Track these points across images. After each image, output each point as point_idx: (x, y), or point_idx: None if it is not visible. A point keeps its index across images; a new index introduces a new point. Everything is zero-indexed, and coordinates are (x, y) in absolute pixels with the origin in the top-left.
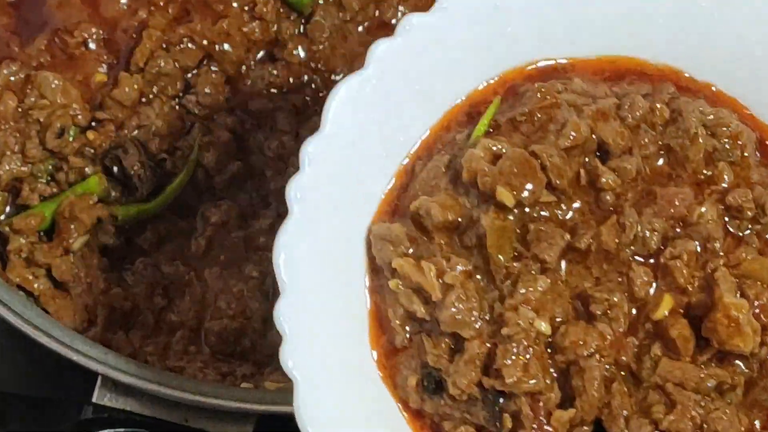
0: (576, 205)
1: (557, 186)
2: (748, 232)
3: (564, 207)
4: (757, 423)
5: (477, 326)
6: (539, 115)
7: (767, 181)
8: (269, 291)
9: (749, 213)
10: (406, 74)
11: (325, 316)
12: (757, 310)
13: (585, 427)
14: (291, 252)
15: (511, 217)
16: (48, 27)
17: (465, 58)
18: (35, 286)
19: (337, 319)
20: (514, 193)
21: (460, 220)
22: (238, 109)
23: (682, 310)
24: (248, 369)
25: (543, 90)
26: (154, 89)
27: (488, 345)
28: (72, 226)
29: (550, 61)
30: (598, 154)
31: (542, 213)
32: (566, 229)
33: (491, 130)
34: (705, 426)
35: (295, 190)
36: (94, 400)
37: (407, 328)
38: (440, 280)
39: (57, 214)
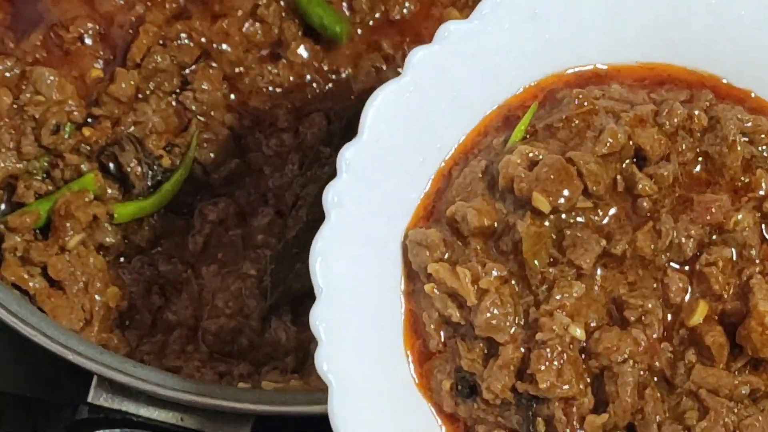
0: (612, 211)
1: (594, 192)
2: None
3: (600, 213)
4: None
5: (512, 331)
6: (577, 122)
7: None
8: (266, 289)
9: None
10: (444, 81)
11: (360, 320)
12: None
13: None
14: (327, 257)
15: (546, 223)
16: (43, 22)
17: (503, 64)
18: (31, 285)
19: (373, 323)
20: (551, 199)
21: (495, 225)
22: (237, 106)
23: (716, 317)
24: (246, 368)
25: (581, 96)
26: (151, 85)
27: (522, 350)
28: (68, 224)
29: (589, 66)
30: (635, 160)
31: (578, 219)
32: (602, 235)
33: (528, 136)
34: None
35: (333, 195)
36: (89, 400)
37: (442, 332)
38: (475, 286)
39: (52, 212)
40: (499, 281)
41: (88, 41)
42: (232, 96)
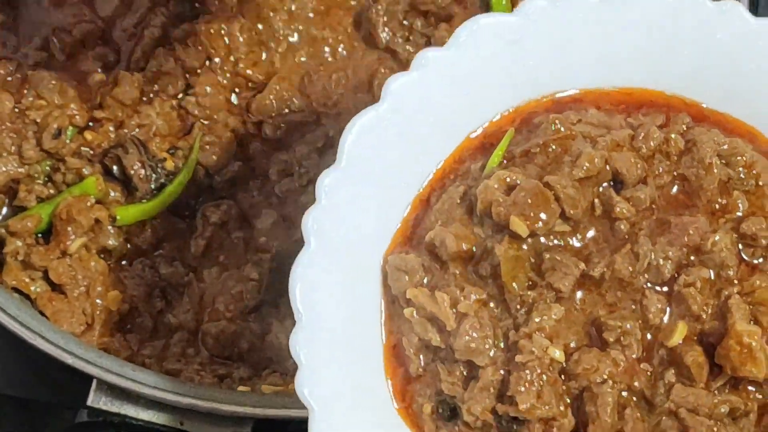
0: (590, 234)
1: (571, 216)
2: (761, 260)
3: (578, 236)
4: None
5: (491, 354)
6: (554, 147)
7: None
8: (262, 285)
9: (763, 241)
10: (422, 107)
11: (341, 345)
12: None
13: None
14: (307, 282)
15: (525, 247)
16: (45, 26)
17: (480, 91)
18: (32, 289)
19: (353, 348)
20: (528, 223)
21: (474, 249)
22: (240, 109)
23: (695, 337)
24: (245, 372)
25: (558, 121)
26: (155, 87)
27: (502, 372)
28: (69, 228)
29: (566, 92)
30: (612, 184)
31: (557, 242)
32: (581, 258)
33: (505, 161)
34: None
35: (312, 221)
36: (89, 403)
37: (422, 356)
38: (454, 310)
39: (54, 216)
40: (478, 305)
41: (90, 44)
42: (234, 99)
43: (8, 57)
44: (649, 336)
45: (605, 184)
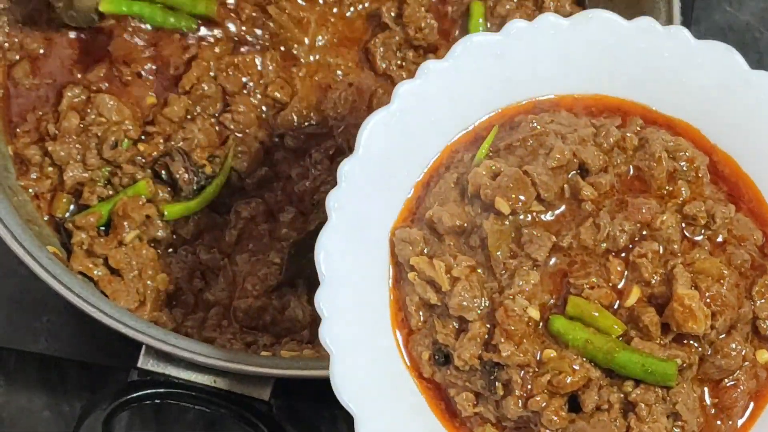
0: (560, 212)
1: (545, 198)
2: (700, 237)
3: (551, 214)
4: (706, 390)
5: (479, 311)
6: (531, 142)
7: (716, 196)
8: (283, 268)
9: (702, 221)
10: (424, 108)
11: (356, 302)
12: (708, 300)
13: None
14: (329, 250)
15: (507, 223)
16: (107, 59)
17: (472, 95)
18: (95, 273)
19: (366, 304)
20: (510, 203)
21: (466, 225)
22: (267, 123)
23: (646, 299)
24: (268, 339)
25: (535, 121)
26: (198, 108)
27: (488, 326)
28: (125, 223)
29: (542, 97)
30: (579, 172)
31: (533, 219)
32: (552, 232)
33: (491, 153)
34: (667, 398)
35: (333, 201)
36: (138, 365)
37: (421, 312)
38: (449, 274)
39: (112, 213)
40: (468, 270)
41: (145, 76)
42: (263, 115)
43: (75, 82)
44: (613, 296)
45: (573, 172)
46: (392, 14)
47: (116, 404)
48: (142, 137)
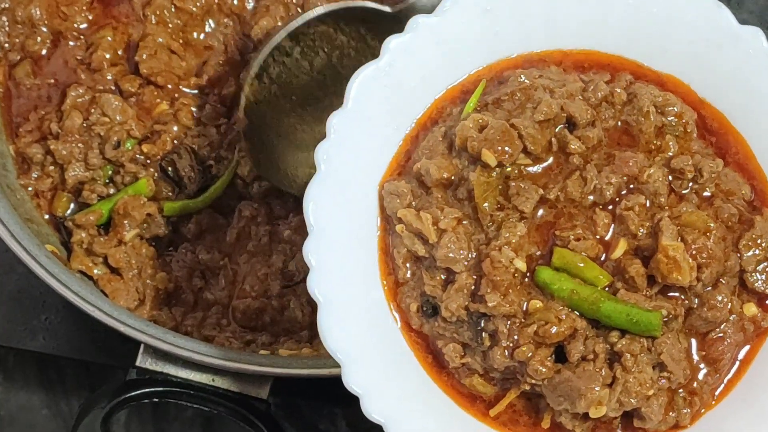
0: (547, 164)
1: (532, 151)
2: (687, 190)
3: (538, 167)
4: (693, 341)
5: (466, 263)
6: (519, 95)
7: (704, 151)
8: (292, 274)
9: (689, 175)
10: (413, 63)
11: (344, 253)
12: (694, 252)
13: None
14: (318, 202)
15: (494, 175)
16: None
17: (460, 50)
18: (94, 271)
19: (354, 256)
20: (496, 155)
21: (453, 177)
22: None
23: (632, 252)
24: (267, 339)
25: (523, 76)
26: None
27: (474, 277)
28: (125, 222)
29: (531, 51)
30: (566, 125)
31: (520, 172)
32: (540, 185)
33: (479, 108)
34: (653, 348)
35: (322, 152)
36: (137, 364)
37: (408, 264)
38: (436, 226)
39: (112, 212)
40: (455, 222)
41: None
42: None
43: (78, 82)
44: (599, 248)
45: (561, 126)
46: None
47: (114, 403)
48: (149, 135)
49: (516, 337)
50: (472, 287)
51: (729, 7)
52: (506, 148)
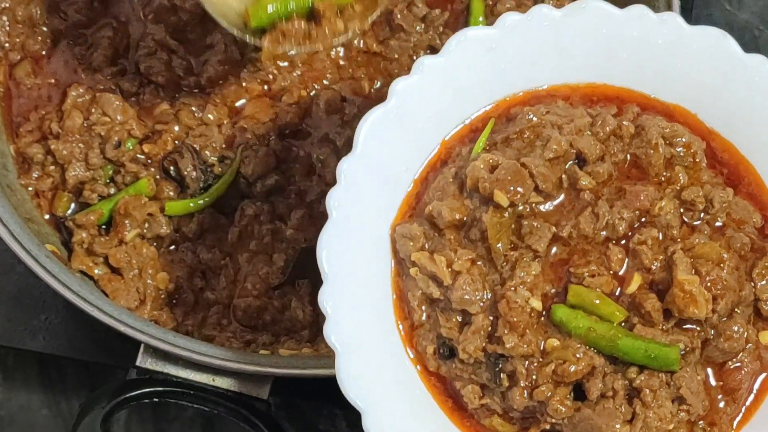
0: (559, 202)
1: (543, 189)
2: (699, 221)
3: (550, 205)
4: (710, 371)
5: (481, 304)
6: (528, 133)
7: (714, 181)
8: (289, 267)
9: (700, 206)
10: (420, 104)
11: (359, 299)
12: (708, 284)
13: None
14: (331, 248)
15: (506, 215)
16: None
17: (467, 90)
18: (95, 271)
19: (369, 301)
20: (508, 195)
21: (465, 219)
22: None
23: (647, 286)
24: (267, 338)
25: (531, 113)
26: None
27: (491, 318)
28: (126, 221)
29: (537, 88)
30: (576, 161)
31: (532, 210)
32: (552, 223)
33: (489, 147)
34: (671, 383)
35: (334, 199)
36: (137, 363)
37: (424, 307)
38: (450, 268)
39: (113, 211)
40: (469, 264)
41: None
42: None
43: (78, 82)
44: (614, 284)
45: (571, 162)
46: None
47: (115, 403)
48: (149, 135)
49: (534, 376)
50: (489, 328)
51: (730, 7)
52: (518, 188)
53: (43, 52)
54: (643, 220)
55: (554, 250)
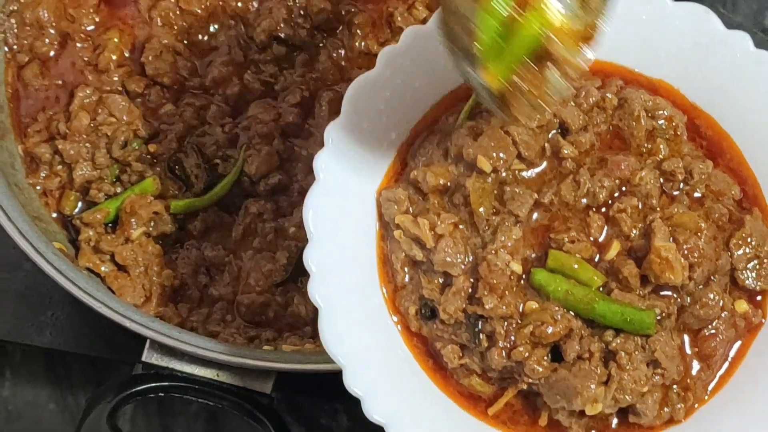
0: (541, 169)
1: (526, 156)
2: (678, 192)
3: (532, 172)
4: (686, 338)
5: (463, 267)
6: None
7: (694, 153)
8: (292, 265)
9: (680, 177)
10: (407, 72)
11: (343, 259)
12: (686, 252)
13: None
14: (317, 209)
15: (489, 181)
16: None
17: None
18: (102, 269)
19: (353, 262)
20: (491, 161)
21: (449, 184)
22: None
23: (626, 252)
24: (271, 334)
25: None
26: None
27: (471, 280)
28: (132, 220)
29: None
30: (559, 131)
31: (515, 176)
32: (534, 189)
33: (473, 116)
34: (647, 346)
35: (321, 161)
36: (143, 359)
37: (406, 269)
38: (433, 232)
39: (120, 210)
40: (452, 227)
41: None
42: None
43: (86, 83)
44: (593, 250)
45: (554, 131)
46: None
47: (121, 397)
48: (155, 135)
49: (513, 337)
50: (470, 290)
51: (724, 10)
52: (501, 155)
53: (51, 54)
54: (623, 189)
55: (535, 216)
